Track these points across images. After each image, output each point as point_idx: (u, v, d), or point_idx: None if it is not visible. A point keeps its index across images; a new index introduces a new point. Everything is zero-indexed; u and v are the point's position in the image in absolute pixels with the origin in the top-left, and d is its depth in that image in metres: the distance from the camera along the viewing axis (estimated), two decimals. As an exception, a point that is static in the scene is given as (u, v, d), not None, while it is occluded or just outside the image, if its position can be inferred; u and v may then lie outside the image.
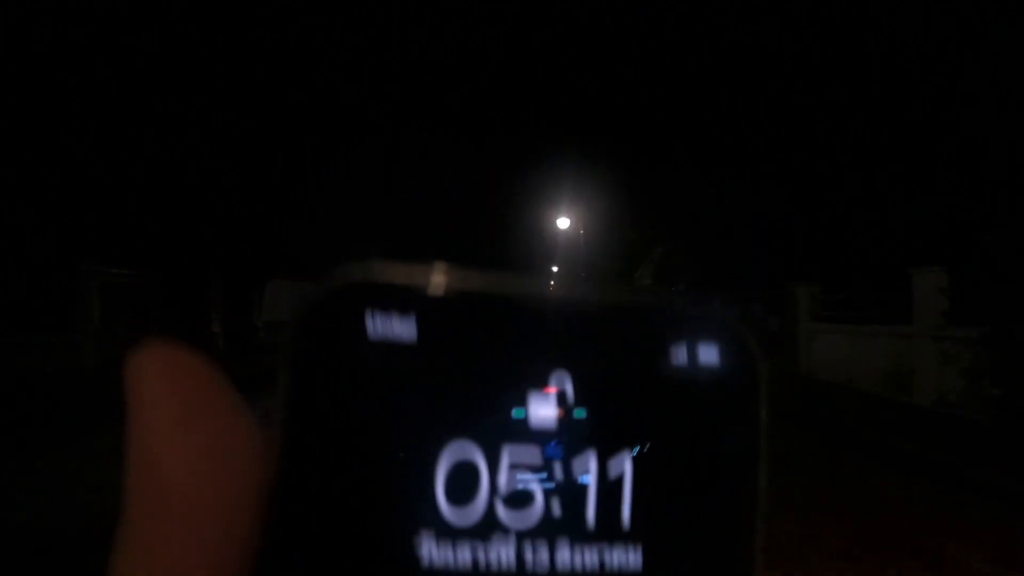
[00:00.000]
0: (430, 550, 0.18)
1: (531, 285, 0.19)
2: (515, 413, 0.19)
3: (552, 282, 0.20)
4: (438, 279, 0.19)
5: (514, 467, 0.19)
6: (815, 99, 12.53)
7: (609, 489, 0.20)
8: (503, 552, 0.19)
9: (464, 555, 0.19)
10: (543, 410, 0.19)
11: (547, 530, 0.19)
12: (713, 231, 15.22)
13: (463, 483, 0.19)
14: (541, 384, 0.19)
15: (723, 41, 15.39)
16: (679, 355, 0.20)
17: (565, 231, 20.34)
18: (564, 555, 0.19)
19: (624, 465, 0.20)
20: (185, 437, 0.16)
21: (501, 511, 0.19)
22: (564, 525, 0.20)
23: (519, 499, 0.19)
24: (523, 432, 0.19)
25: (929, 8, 9.93)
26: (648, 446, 0.20)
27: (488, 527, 0.19)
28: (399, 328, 0.18)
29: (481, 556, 0.19)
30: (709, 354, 0.20)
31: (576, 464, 0.20)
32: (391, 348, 0.18)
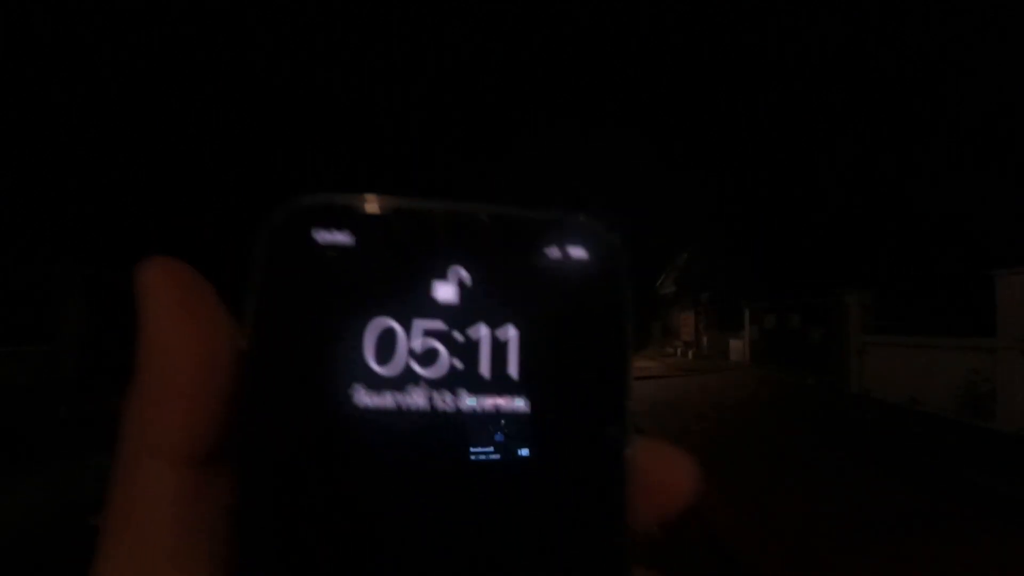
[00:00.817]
0: (362, 396, 0.25)
1: (439, 204, 0.27)
2: (422, 294, 0.26)
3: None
4: (369, 201, 0.26)
5: (424, 333, 0.26)
6: (864, 82, 11.23)
7: (498, 350, 0.27)
8: (417, 397, 0.26)
9: (388, 400, 0.25)
10: (444, 292, 0.27)
11: (451, 380, 0.26)
12: (741, 233, 13.88)
13: (386, 347, 0.26)
14: (444, 272, 0.27)
15: (764, 23, 14.16)
16: (553, 251, 0.27)
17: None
18: (465, 399, 0.27)
19: (509, 333, 0.27)
20: (182, 327, 0.22)
21: (415, 366, 0.26)
22: (465, 377, 0.27)
23: (428, 357, 0.26)
24: (430, 309, 0.26)
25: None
26: (529, 317, 0.27)
27: (405, 378, 0.26)
28: (339, 236, 0.26)
29: (400, 400, 0.26)
30: (577, 250, 0.27)
31: (471, 331, 0.27)
32: (333, 249, 0.25)
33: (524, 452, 0.26)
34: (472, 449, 0.26)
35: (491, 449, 0.26)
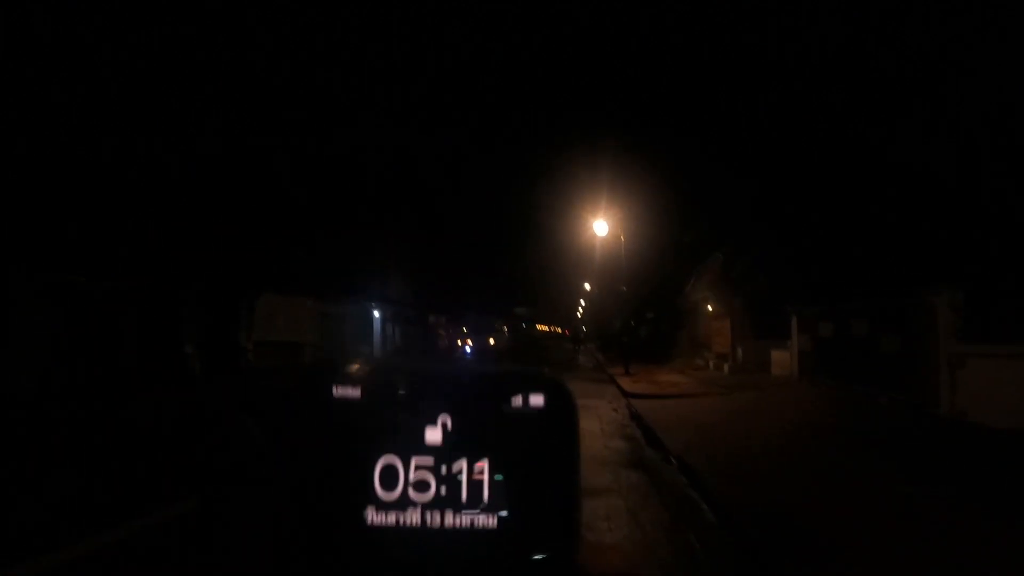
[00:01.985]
0: (371, 516, 0.35)
1: (430, 367, 0.37)
2: (418, 437, 0.37)
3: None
4: (368, 368, 0.38)
5: (418, 467, 0.37)
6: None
7: (474, 479, 0.37)
8: (413, 516, 0.37)
9: (390, 518, 0.36)
10: (434, 435, 0.37)
11: (438, 504, 0.37)
12: (788, 225, 12.06)
13: (390, 477, 0.36)
14: (434, 420, 0.37)
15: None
16: (517, 400, 0.38)
17: (602, 238, 17.37)
18: (448, 518, 0.37)
19: (483, 465, 0.37)
20: None
21: (411, 493, 0.36)
22: (448, 501, 0.37)
23: (421, 486, 0.36)
24: (423, 448, 0.37)
25: None
26: (499, 453, 0.37)
27: (404, 502, 0.36)
28: (352, 392, 0.36)
29: (400, 519, 0.36)
30: (537, 399, 0.38)
31: (454, 466, 0.38)
32: (349, 402, 0.36)
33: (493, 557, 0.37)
34: (453, 554, 0.36)
35: (469, 555, 0.37)
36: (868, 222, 10.11)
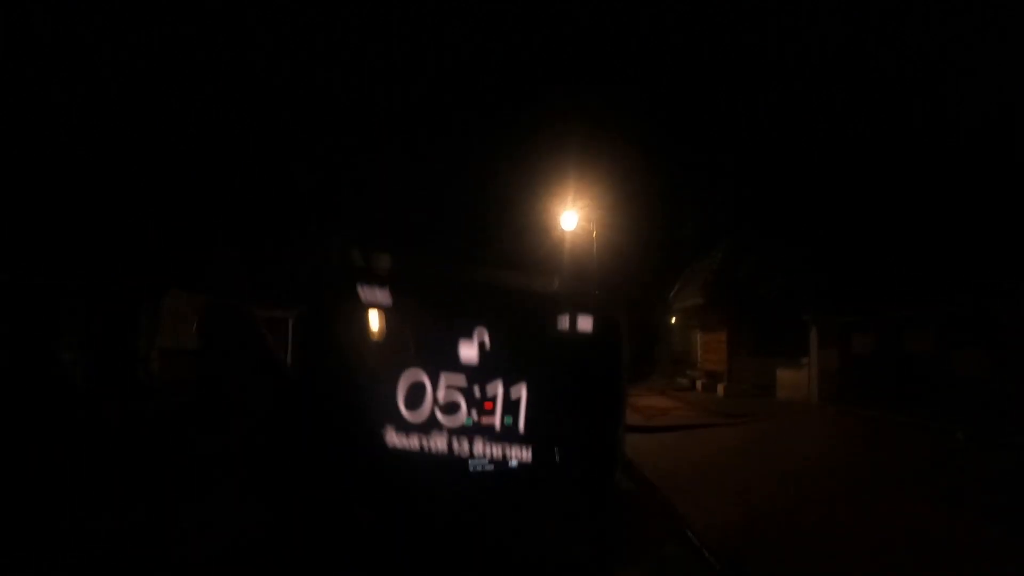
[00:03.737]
0: (392, 437, 0.62)
1: (468, 271, 0.60)
2: (449, 352, 0.63)
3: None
4: (409, 265, 0.60)
5: (448, 387, 0.63)
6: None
7: (510, 405, 0.64)
8: (439, 441, 0.64)
9: (414, 442, 0.63)
10: (468, 351, 0.63)
11: (468, 430, 0.65)
12: (807, 220, 9.76)
13: (415, 396, 0.61)
14: (468, 334, 0.63)
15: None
16: (563, 321, 0.65)
17: (572, 234, 14.83)
18: (479, 447, 0.64)
19: (521, 390, 0.63)
20: None
21: (439, 415, 0.64)
22: (479, 427, 0.65)
23: (450, 408, 0.64)
24: (455, 364, 0.63)
25: None
26: (539, 378, 0.66)
27: (430, 425, 0.63)
28: (381, 296, 0.62)
29: (425, 443, 0.62)
30: (585, 321, 0.64)
31: (488, 388, 0.65)
32: (375, 308, 0.66)
33: (527, 495, 0.55)
34: (479, 483, 0.57)
35: (497, 488, 0.56)
36: (924, 210, 7.87)
